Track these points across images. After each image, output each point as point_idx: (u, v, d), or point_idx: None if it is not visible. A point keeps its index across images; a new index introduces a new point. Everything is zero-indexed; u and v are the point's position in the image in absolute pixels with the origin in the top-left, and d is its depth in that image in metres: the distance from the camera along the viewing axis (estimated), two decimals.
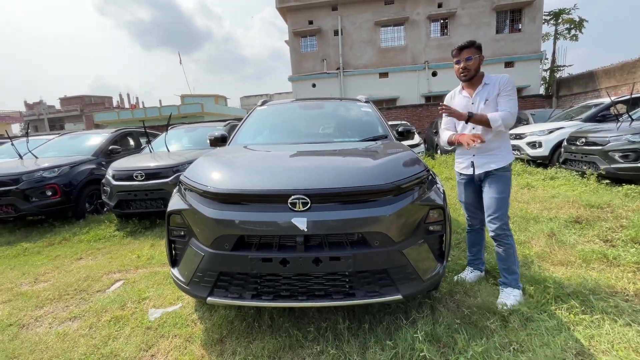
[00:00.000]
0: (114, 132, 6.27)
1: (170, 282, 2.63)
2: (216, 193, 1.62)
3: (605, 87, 12.11)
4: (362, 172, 1.68)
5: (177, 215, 1.81)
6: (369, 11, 17.75)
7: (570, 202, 4.00)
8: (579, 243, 2.91)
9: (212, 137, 2.97)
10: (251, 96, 35.28)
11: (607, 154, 5.01)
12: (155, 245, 3.73)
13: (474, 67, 2.04)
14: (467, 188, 2.28)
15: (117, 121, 29.19)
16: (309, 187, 1.56)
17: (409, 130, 2.91)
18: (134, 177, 4.36)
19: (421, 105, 15.49)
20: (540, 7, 16.47)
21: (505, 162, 2.06)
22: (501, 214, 2.05)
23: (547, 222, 3.41)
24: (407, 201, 1.65)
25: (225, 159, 2.02)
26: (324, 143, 2.47)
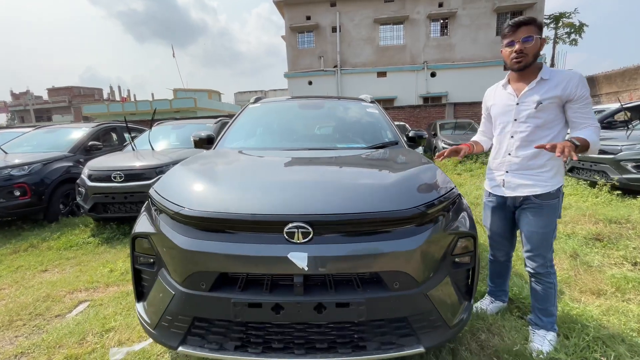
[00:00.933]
0: (94, 127, 5.80)
1: None
2: (191, 217, 1.25)
3: (606, 93, 11.99)
4: (379, 193, 1.32)
5: (144, 240, 1.44)
6: (369, 8, 17.37)
7: (586, 216, 3.72)
8: (606, 266, 2.62)
9: (196, 137, 2.58)
10: (245, 92, 34.60)
11: (619, 164, 4.76)
12: None
13: (532, 51, 1.51)
14: (494, 213, 1.83)
15: (107, 114, 28.31)
16: (311, 212, 1.20)
17: (421, 136, 2.57)
18: (112, 178, 3.94)
19: (419, 106, 15.22)
20: (541, 9, 16.31)
21: (552, 186, 1.58)
22: (544, 251, 1.65)
23: (565, 239, 3.12)
24: (434, 231, 1.31)
25: (207, 170, 1.63)
26: (326, 150, 2.09)
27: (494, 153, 1.80)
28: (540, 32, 1.55)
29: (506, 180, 1.70)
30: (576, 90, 1.48)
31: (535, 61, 1.56)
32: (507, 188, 1.71)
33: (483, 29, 16.84)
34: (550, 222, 1.63)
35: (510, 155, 1.67)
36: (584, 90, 1.49)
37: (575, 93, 1.48)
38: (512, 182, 1.68)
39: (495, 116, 1.77)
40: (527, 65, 1.55)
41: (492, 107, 1.80)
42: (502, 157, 1.73)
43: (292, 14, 17.91)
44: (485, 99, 1.88)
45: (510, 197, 1.71)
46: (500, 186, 1.75)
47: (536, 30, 1.52)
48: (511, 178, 1.68)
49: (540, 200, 1.61)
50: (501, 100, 1.72)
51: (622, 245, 2.94)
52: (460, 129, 11.27)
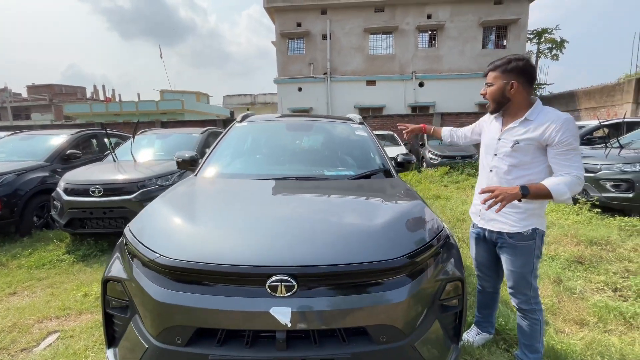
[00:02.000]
0: (74, 134, 5.56)
1: None
2: (167, 266, 1.17)
3: (585, 108, 12.46)
4: (367, 241, 1.27)
5: (116, 283, 1.35)
6: (359, 17, 17.54)
7: (568, 236, 3.80)
8: (588, 291, 2.66)
9: (179, 158, 2.49)
10: (234, 95, 34.23)
11: (598, 182, 4.90)
12: None
13: (491, 97, 1.54)
14: (478, 244, 1.84)
15: (89, 114, 27.46)
16: (295, 264, 1.15)
17: (409, 161, 2.55)
18: (90, 192, 3.77)
19: (407, 116, 15.39)
20: (524, 25, 16.87)
21: (522, 227, 1.55)
22: (524, 289, 1.64)
23: (549, 262, 3.17)
24: (423, 279, 1.27)
25: (185, 209, 1.54)
26: (314, 179, 2.04)
27: (478, 182, 1.82)
28: (512, 76, 1.49)
29: (482, 212, 1.70)
30: (556, 134, 1.40)
31: (499, 106, 1.57)
32: (482, 219, 1.73)
33: (470, 42, 17.26)
34: (526, 263, 1.60)
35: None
36: (567, 135, 1.40)
37: (555, 138, 1.41)
38: (486, 214, 1.69)
39: (483, 144, 1.79)
40: (494, 110, 1.60)
41: (483, 132, 1.82)
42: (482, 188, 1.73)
43: (283, 20, 17.90)
44: (483, 118, 1.86)
45: (487, 230, 1.72)
46: (477, 214, 1.78)
47: (501, 75, 1.50)
48: (486, 211, 1.65)
49: (514, 241, 1.60)
50: (489, 131, 1.73)
51: (602, 269, 3.00)
52: None
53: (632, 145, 5.46)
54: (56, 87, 43.07)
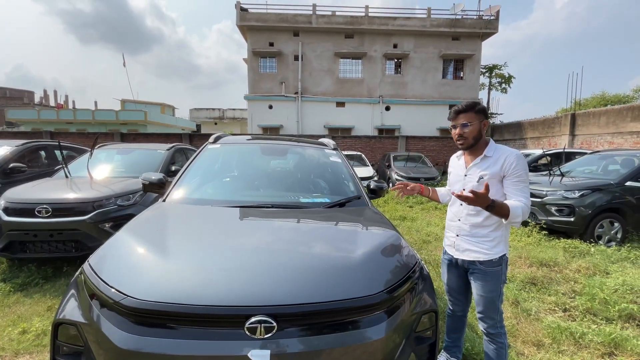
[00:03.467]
0: (19, 145, 5.04)
1: None
2: (134, 309, 1.08)
3: (530, 137, 13.85)
4: (347, 276, 1.27)
5: (70, 327, 1.21)
6: (330, 42, 18.28)
7: (522, 258, 4.10)
8: (542, 312, 2.86)
9: (146, 181, 2.35)
10: (202, 109, 33.40)
11: (544, 207, 5.40)
12: (53, 308, 2.83)
13: (471, 135, 1.68)
14: (450, 270, 1.95)
15: (37, 121, 25.13)
16: (276, 303, 1.11)
17: (382, 188, 2.64)
18: (37, 212, 3.39)
19: (375, 137, 16.04)
20: (478, 60, 18.64)
21: (491, 255, 1.69)
22: (492, 313, 1.75)
23: (507, 285, 3.37)
24: (401, 313, 1.30)
25: (153, 241, 1.43)
26: (289, 207, 2.02)
27: (449, 215, 1.93)
28: (482, 116, 1.68)
29: (456, 243, 1.83)
30: (510, 167, 1.61)
31: (476, 142, 1.71)
32: (457, 250, 1.84)
33: (431, 72, 18.65)
34: (494, 288, 1.73)
35: (460, 221, 1.81)
36: (519, 168, 1.60)
37: (509, 169, 1.61)
38: (461, 245, 1.81)
39: (450, 182, 1.94)
40: (469, 146, 1.72)
41: (450, 174, 1.97)
42: (453, 221, 1.87)
43: (255, 39, 18.11)
44: (449, 163, 2.02)
45: (459, 259, 1.84)
46: (451, 246, 1.89)
47: (475, 116, 1.67)
48: (460, 242, 1.81)
49: (484, 267, 1.73)
50: (455, 169, 1.90)
51: (553, 290, 3.26)
52: (412, 161, 12.03)
53: (571, 174, 6.14)
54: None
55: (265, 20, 17.80)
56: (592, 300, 2.95)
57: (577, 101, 16.01)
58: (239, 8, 17.67)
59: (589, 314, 2.80)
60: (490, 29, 18.05)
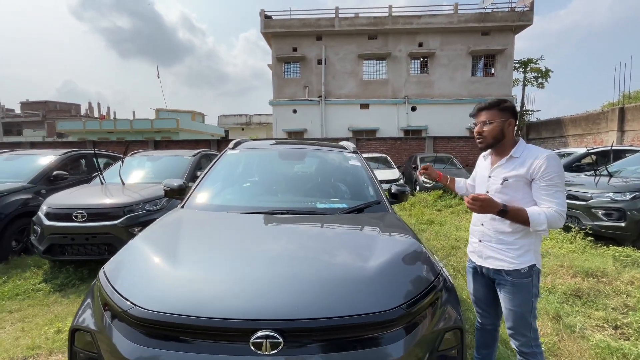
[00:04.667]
0: (62, 154, 5.44)
1: None
2: (141, 319, 1.07)
3: (572, 135, 12.82)
4: (360, 291, 1.18)
5: (86, 334, 1.23)
6: (353, 44, 18.17)
7: (563, 267, 3.74)
8: (588, 329, 2.57)
9: (167, 187, 2.40)
10: (230, 115, 34.53)
11: (590, 211, 4.92)
12: None
13: (491, 134, 1.55)
14: (475, 280, 1.78)
15: (82, 131, 27.32)
16: (283, 318, 1.05)
17: (403, 192, 2.51)
18: (74, 217, 3.62)
19: (400, 139, 15.66)
20: (511, 55, 17.65)
21: (517, 265, 1.52)
22: (524, 330, 1.58)
23: (547, 296, 3.08)
24: (421, 330, 1.18)
25: (165, 249, 1.42)
26: (305, 214, 1.96)
27: (473, 219, 1.79)
28: (507, 114, 1.55)
29: (479, 249, 1.70)
30: (539, 169, 1.44)
31: (497, 142, 1.58)
32: (479, 257, 1.70)
33: (460, 70, 17.92)
34: (524, 302, 1.56)
35: (484, 226, 1.67)
36: (549, 170, 1.43)
37: (538, 172, 1.45)
38: (483, 252, 1.67)
39: (477, 183, 1.82)
40: (488, 146, 1.60)
41: (476, 172, 1.84)
42: (477, 225, 1.73)
43: (279, 45, 18.43)
44: (479, 159, 1.87)
45: (482, 266, 1.69)
46: (474, 252, 1.75)
47: (498, 113, 1.54)
48: (483, 248, 1.67)
49: (512, 278, 1.56)
50: (481, 169, 1.77)
51: (601, 304, 2.92)
52: (440, 162, 11.57)
53: (621, 174, 5.56)
54: (50, 104, 42.99)
55: (288, 26, 18.07)
56: None
57: (626, 94, 14.63)
58: (263, 15, 18.10)
59: None
60: (524, 21, 17.04)
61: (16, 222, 4.29)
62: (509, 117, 1.56)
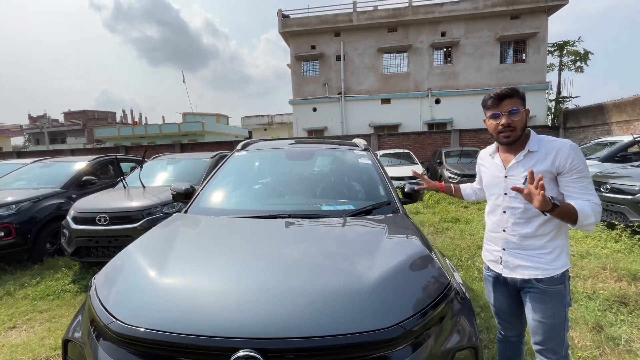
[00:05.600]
0: (91, 161, 5.73)
1: None
2: (120, 334, 1.02)
3: (616, 122, 11.69)
4: (355, 305, 1.06)
5: (77, 345, 1.21)
6: (372, 38, 17.75)
7: (607, 269, 3.37)
8: (636, 341, 2.26)
9: (174, 191, 2.40)
10: (252, 116, 35.17)
11: (637, 205, 4.41)
12: None
13: (520, 125, 1.37)
14: (496, 289, 1.60)
15: (117, 137, 29.03)
16: (264, 336, 0.96)
17: (418, 191, 2.33)
18: (97, 220, 3.77)
19: (424, 133, 15.12)
20: (544, 38, 16.42)
21: (553, 270, 1.37)
22: (556, 345, 1.39)
23: (586, 302, 2.77)
24: (424, 352, 1.05)
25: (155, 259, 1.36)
26: (307, 217, 1.85)
27: (489, 224, 1.59)
28: (524, 103, 1.39)
29: (504, 259, 1.49)
30: (566, 161, 1.31)
31: (523, 133, 1.40)
32: (506, 267, 1.49)
33: (486, 57, 16.96)
34: (558, 312, 1.39)
35: (506, 232, 1.47)
36: (577, 161, 1.30)
37: (566, 165, 1.31)
38: (510, 261, 1.47)
39: (485, 185, 1.61)
40: (516, 139, 1.40)
41: (483, 172, 1.64)
42: (497, 232, 1.52)
43: (298, 44, 18.41)
44: (478, 160, 1.70)
45: (508, 277, 1.49)
46: (497, 262, 1.53)
47: (520, 102, 1.38)
48: (509, 257, 1.47)
49: (544, 285, 1.39)
50: (490, 170, 1.56)
51: None
52: (466, 156, 10.98)
53: None
54: (89, 113, 46.13)
55: (306, 24, 17.99)
56: None
57: None
58: (280, 15, 18.16)
59: None
60: (559, 1, 15.76)
61: (50, 226, 4.56)
62: (525, 106, 1.40)
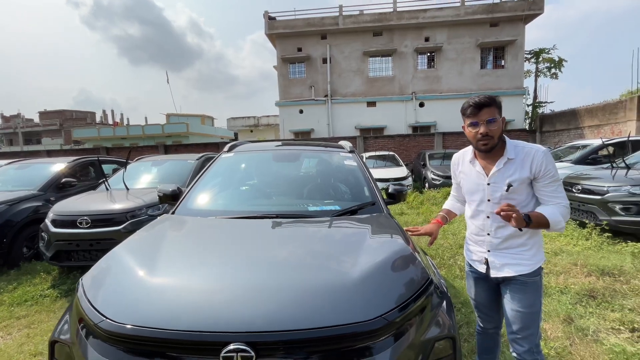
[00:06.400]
0: (71, 162, 5.56)
1: None
2: (111, 333, 1.04)
3: (588, 126, 12.33)
4: (340, 299, 1.12)
5: (64, 346, 1.21)
6: (358, 41, 18.02)
7: (577, 265, 3.57)
8: (602, 332, 2.42)
9: (161, 193, 2.39)
10: (238, 118, 34.82)
11: (606, 205, 4.69)
12: None
13: (497, 133, 1.43)
14: (477, 285, 1.71)
15: (97, 138, 28.11)
16: (254, 330, 1.00)
17: (401, 192, 2.43)
18: (78, 223, 3.68)
19: (408, 135, 15.43)
20: (521, 45, 17.13)
21: (533, 265, 1.50)
22: (530, 334, 1.49)
23: (558, 296, 2.94)
24: (406, 342, 1.11)
25: (144, 259, 1.39)
26: (294, 217, 1.91)
27: (472, 227, 1.66)
28: (501, 112, 1.46)
29: (490, 260, 1.59)
30: (541, 168, 1.43)
31: (500, 141, 1.47)
32: (493, 268, 1.58)
33: (468, 63, 17.52)
34: (534, 302, 1.52)
35: (490, 236, 1.56)
36: (550, 167, 1.43)
37: (540, 171, 1.43)
38: (495, 262, 1.57)
39: (466, 191, 1.66)
40: (494, 147, 1.46)
41: (461, 179, 1.69)
42: (481, 235, 1.61)
43: (284, 46, 18.45)
44: (453, 165, 1.76)
45: (493, 276, 1.59)
46: (481, 263, 1.63)
47: (497, 110, 1.44)
48: (494, 258, 1.57)
49: (524, 278, 1.51)
50: (470, 177, 1.61)
51: (617, 305, 2.76)
52: (449, 159, 11.24)
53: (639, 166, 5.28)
54: (67, 113, 44.42)
55: (292, 26, 18.06)
56: None
57: None
58: (267, 17, 18.15)
59: None
60: (535, 10, 16.50)
61: (27, 229, 4.40)
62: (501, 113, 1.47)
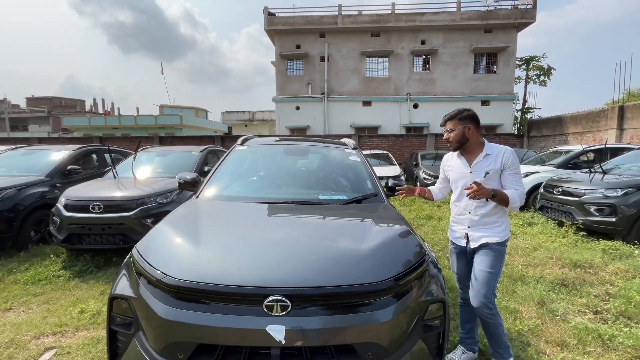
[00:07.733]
0: (75, 150, 5.68)
1: None
2: (172, 285, 1.29)
3: (572, 132, 12.91)
4: (355, 265, 1.41)
5: (122, 301, 1.45)
6: (356, 41, 18.27)
7: (553, 259, 3.94)
8: (570, 314, 2.77)
9: (181, 180, 2.62)
10: (233, 112, 34.75)
11: (582, 206, 5.09)
12: (106, 292, 3.22)
13: (455, 139, 1.95)
14: (459, 259, 2.13)
15: (88, 127, 27.67)
16: (290, 285, 1.27)
17: (400, 186, 2.71)
18: (91, 208, 3.85)
19: (402, 136, 15.81)
20: (513, 52, 17.68)
21: (502, 237, 1.93)
22: (486, 291, 1.87)
23: (534, 284, 3.29)
24: (407, 301, 1.40)
25: (189, 231, 1.66)
26: (308, 204, 2.19)
27: (456, 210, 2.09)
28: (467, 122, 1.91)
29: (470, 234, 1.99)
30: (507, 161, 1.90)
31: (461, 145, 1.95)
32: (472, 240, 1.99)
33: (462, 67, 17.99)
34: (496, 265, 1.91)
35: (470, 214, 1.98)
36: (514, 162, 1.90)
37: (507, 163, 1.90)
38: (474, 235, 1.98)
39: (453, 180, 2.10)
40: (455, 148, 1.99)
41: (449, 171, 2.13)
42: (463, 215, 2.02)
43: (283, 42, 18.56)
44: (443, 162, 2.21)
45: (471, 247, 1.99)
46: (462, 238, 2.04)
47: (458, 122, 1.92)
48: (473, 232, 1.98)
49: (494, 245, 1.92)
50: (457, 168, 2.05)
51: (585, 292, 3.12)
52: (440, 159, 11.68)
53: (615, 171, 5.71)
54: (55, 100, 43.36)
55: (292, 23, 18.19)
56: (627, 303, 2.80)
57: (629, 92, 14.62)
58: (266, 13, 18.22)
59: (622, 317, 2.67)
60: (527, 19, 17.04)
61: (35, 214, 4.54)
62: (469, 123, 1.92)
